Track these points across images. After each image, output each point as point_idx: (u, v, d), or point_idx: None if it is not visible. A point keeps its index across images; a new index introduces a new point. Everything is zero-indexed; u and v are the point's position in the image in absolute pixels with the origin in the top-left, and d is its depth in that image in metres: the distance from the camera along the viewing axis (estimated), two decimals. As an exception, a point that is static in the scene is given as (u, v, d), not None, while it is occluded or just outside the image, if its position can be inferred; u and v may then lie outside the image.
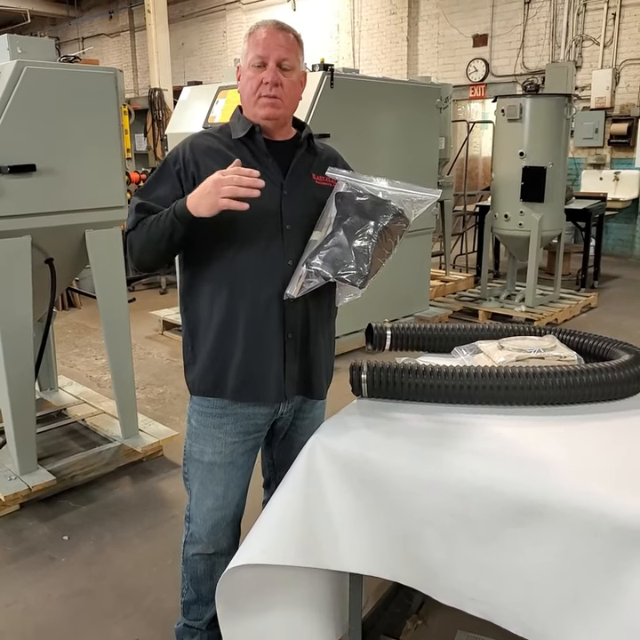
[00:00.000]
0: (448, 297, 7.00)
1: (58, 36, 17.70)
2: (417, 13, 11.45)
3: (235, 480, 1.96)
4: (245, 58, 1.80)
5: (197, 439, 1.94)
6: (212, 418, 1.91)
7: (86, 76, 3.08)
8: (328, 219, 1.71)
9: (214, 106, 5.10)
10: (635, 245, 9.54)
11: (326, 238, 1.68)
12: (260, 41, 1.77)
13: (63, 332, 6.09)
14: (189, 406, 1.97)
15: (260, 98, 1.78)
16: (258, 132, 1.82)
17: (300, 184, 1.84)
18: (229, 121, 1.91)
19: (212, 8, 14.51)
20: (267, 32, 1.77)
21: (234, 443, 1.92)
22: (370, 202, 1.66)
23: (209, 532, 1.99)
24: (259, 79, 1.77)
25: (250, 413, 1.90)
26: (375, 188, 1.69)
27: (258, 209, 1.73)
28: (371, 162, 5.06)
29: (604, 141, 9.47)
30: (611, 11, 9.24)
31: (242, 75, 1.84)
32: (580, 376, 1.82)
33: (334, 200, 1.71)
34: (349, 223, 1.66)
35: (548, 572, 1.45)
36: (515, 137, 6.01)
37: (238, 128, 1.85)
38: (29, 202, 2.93)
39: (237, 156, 1.76)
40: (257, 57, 1.76)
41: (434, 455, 1.63)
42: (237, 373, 1.84)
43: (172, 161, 1.83)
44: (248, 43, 1.80)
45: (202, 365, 1.88)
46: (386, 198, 1.67)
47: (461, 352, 2.13)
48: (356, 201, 1.67)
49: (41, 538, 2.96)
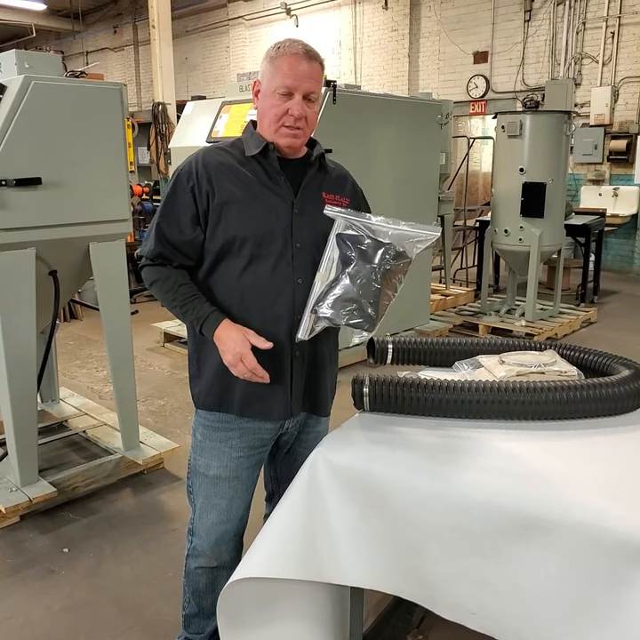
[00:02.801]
0: (448, 311, 7.01)
1: (62, 50, 17.86)
2: (418, 30, 11.56)
3: (239, 494, 1.97)
4: (270, 81, 1.76)
5: (203, 453, 1.94)
6: (217, 432, 1.90)
7: (92, 91, 3.11)
8: (330, 260, 1.70)
9: (217, 121, 5.14)
10: (634, 261, 9.57)
11: (332, 284, 1.68)
12: (289, 70, 1.73)
13: (65, 343, 6.10)
14: (194, 420, 1.97)
15: (283, 127, 1.77)
16: (272, 150, 1.81)
17: (311, 202, 1.84)
18: (242, 136, 1.88)
19: (215, 23, 14.64)
20: (296, 61, 1.73)
21: (239, 457, 1.92)
22: (372, 246, 1.66)
23: (212, 546, 1.99)
24: (284, 109, 1.74)
25: (256, 428, 1.90)
26: (374, 228, 1.69)
27: (269, 227, 1.76)
28: (372, 177, 5.10)
29: (603, 158, 9.53)
30: (609, 29, 9.34)
31: (263, 96, 1.79)
32: (580, 391, 1.83)
33: (335, 240, 1.70)
34: (354, 270, 1.66)
35: (549, 587, 1.45)
36: (515, 153, 6.06)
37: (252, 145, 1.82)
38: (34, 214, 2.95)
39: (250, 173, 1.78)
40: (285, 87, 1.73)
41: (436, 469, 1.64)
42: (244, 389, 1.83)
43: (185, 177, 1.80)
44: (274, 65, 1.75)
45: (208, 379, 1.88)
46: (387, 241, 1.67)
47: (462, 366, 2.15)
48: (358, 246, 1.67)
49: (41, 550, 2.95)
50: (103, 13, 16.87)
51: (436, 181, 6.11)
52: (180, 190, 1.80)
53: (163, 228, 1.81)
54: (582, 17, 9.57)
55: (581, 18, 9.57)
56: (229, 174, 1.80)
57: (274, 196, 1.80)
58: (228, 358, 1.72)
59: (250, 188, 1.79)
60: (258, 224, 1.77)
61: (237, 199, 1.77)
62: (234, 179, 1.78)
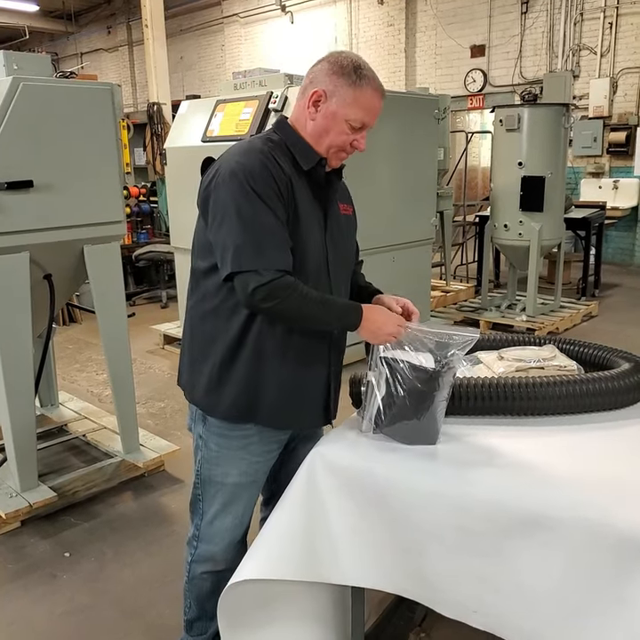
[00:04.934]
0: (449, 307, 7.00)
1: (56, 52, 17.85)
2: (414, 25, 11.53)
3: (254, 498, 1.96)
4: (346, 107, 1.71)
5: (220, 462, 1.88)
6: (236, 440, 1.85)
7: (83, 92, 3.09)
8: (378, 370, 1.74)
9: (212, 119, 5.11)
10: (635, 253, 9.55)
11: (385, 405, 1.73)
12: (370, 108, 1.73)
13: (64, 347, 6.09)
14: (204, 429, 1.88)
15: (341, 152, 1.78)
16: (324, 165, 1.79)
17: (335, 215, 1.86)
18: (280, 135, 1.80)
19: (210, 22, 14.61)
20: (377, 99, 1.74)
21: (258, 462, 1.89)
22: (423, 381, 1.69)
23: (224, 551, 1.97)
24: (351, 139, 1.75)
25: (275, 433, 1.89)
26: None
27: (315, 242, 1.77)
28: (370, 173, 5.08)
29: (602, 150, 9.50)
30: (607, 20, 9.29)
31: (332, 116, 1.73)
32: (579, 386, 1.82)
33: (379, 360, 1.73)
34: (400, 403, 1.71)
35: (550, 584, 1.44)
36: (513, 147, 6.03)
37: (302, 153, 1.77)
38: (27, 218, 2.93)
39: (296, 185, 1.72)
40: (362, 122, 1.74)
41: (435, 468, 1.63)
42: (273, 400, 1.79)
43: (270, 182, 1.67)
44: (355, 94, 1.70)
45: (233, 390, 1.79)
46: (431, 369, 1.69)
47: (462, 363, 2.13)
48: (407, 382, 1.69)
49: (42, 555, 2.94)
50: (96, 14, 16.82)
51: (434, 177, 6.09)
52: (273, 196, 1.70)
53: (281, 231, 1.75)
54: (580, 8, 9.53)
55: (579, 9, 9.54)
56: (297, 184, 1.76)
57: (318, 210, 1.80)
58: (391, 330, 1.72)
59: (310, 204, 1.78)
60: (311, 242, 1.77)
61: (305, 216, 1.75)
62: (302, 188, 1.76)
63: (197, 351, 1.85)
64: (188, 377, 1.90)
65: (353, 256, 2.01)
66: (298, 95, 1.81)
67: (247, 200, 1.63)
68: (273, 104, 4.65)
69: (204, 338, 1.82)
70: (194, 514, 2.00)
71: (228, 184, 1.66)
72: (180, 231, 5.40)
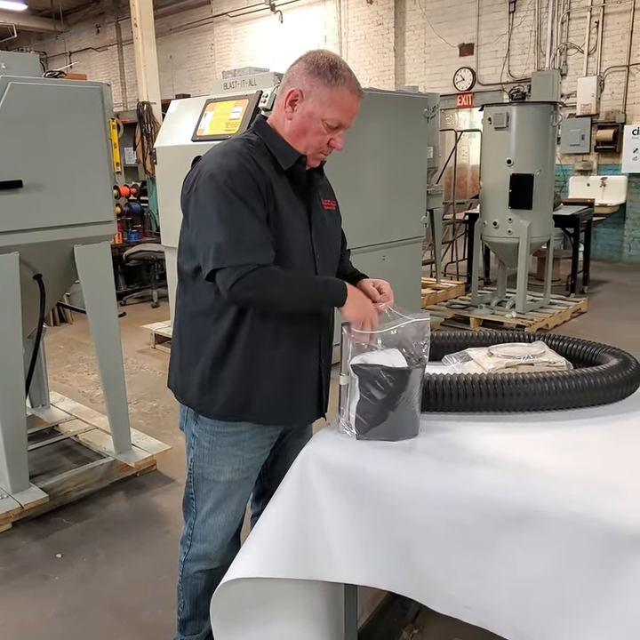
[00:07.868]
0: (439, 305, 7.02)
1: (45, 51, 17.71)
2: (403, 24, 11.54)
3: (247, 494, 1.97)
4: (323, 106, 1.71)
5: (212, 460, 1.89)
6: (228, 437, 1.86)
7: (72, 91, 3.08)
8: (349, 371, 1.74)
9: (202, 119, 5.10)
10: (623, 250, 9.60)
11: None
12: (347, 109, 1.74)
13: (55, 347, 6.07)
14: (197, 427, 1.88)
15: (320, 153, 1.80)
16: (303, 162, 1.79)
17: (318, 211, 1.87)
18: (258, 135, 1.80)
19: (199, 21, 14.56)
20: (354, 100, 1.75)
21: (250, 459, 1.90)
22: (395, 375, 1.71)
23: (218, 548, 1.97)
24: (327, 139, 1.76)
25: (267, 429, 1.89)
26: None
27: (300, 239, 1.77)
28: (360, 172, 5.08)
29: (590, 148, 9.54)
30: (594, 19, 9.34)
31: (308, 116, 1.73)
32: (568, 381, 1.83)
33: (350, 369, 1.74)
34: (378, 406, 1.72)
35: (542, 579, 1.45)
36: (502, 145, 6.05)
37: (281, 153, 1.77)
38: (16, 218, 2.91)
39: (276, 185, 1.72)
40: (338, 122, 1.74)
41: (427, 464, 1.64)
42: (267, 397, 1.81)
43: (249, 182, 1.67)
44: (331, 93, 1.70)
45: (226, 389, 1.79)
46: (405, 367, 1.70)
47: (452, 360, 2.14)
48: (383, 385, 1.70)
49: (34, 556, 2.93)
50: (85, 13, 16.70)
51: (424, 175, 6.10)
52: (254, 197, 1.71)
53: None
54: (567, 7, 9.57)
55: (566, 8, 9.58)
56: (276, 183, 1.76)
57: (301, 209, 1.81)
58: (367, 311, 1.75)
59: (291, 203, 1.78)
60: (296, 239, 1.77)
61: (287, 214, 1.75)
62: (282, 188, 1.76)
63: (188, 352, 1.85)
64: (179, 378, 1.90)
65: (339, 249, 2.01)
66: (277, 95, 1.81)
67: (226, 200, 1.64)
68: (263, 103, 4.65)
69: (193, 339, 1.82)
70: (187, 513, 2.00)
71: (207, 186, 1.67)
72: (171, 230, 5.39)
